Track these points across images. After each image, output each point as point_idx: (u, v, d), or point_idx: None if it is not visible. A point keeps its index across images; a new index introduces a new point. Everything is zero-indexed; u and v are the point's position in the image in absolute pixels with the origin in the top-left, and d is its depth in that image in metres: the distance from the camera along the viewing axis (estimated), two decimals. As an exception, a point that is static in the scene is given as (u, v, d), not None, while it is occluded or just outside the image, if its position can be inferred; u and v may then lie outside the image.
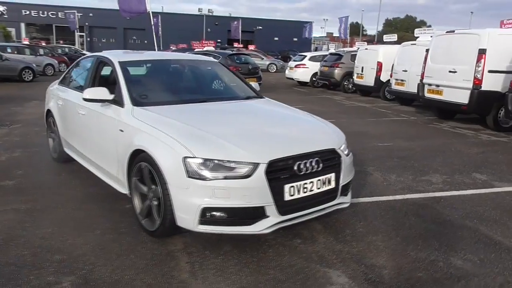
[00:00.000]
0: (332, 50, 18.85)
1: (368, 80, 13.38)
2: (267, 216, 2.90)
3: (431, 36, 11.28)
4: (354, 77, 14.25)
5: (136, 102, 3.64)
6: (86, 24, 49.77)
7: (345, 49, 19.50)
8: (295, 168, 2.98)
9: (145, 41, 47.95)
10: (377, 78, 13.06)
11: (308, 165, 3.04)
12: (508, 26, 8.90)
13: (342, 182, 3.32)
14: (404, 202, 4.19)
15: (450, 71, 8.60)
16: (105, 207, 3.87)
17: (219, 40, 43.05)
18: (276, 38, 53.92)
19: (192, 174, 2.83)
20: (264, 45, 43.63)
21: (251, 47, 32.36)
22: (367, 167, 5.33)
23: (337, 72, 15.06)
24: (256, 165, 2.84)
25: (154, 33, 14.48)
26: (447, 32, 9.04)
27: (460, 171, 5.35)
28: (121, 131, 3.51)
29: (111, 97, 3.75)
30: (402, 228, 3.54)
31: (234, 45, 32.70)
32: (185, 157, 2.87)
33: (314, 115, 4.03)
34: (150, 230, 3.24)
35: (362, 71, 13.74)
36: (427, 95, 9.38)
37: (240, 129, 3.32)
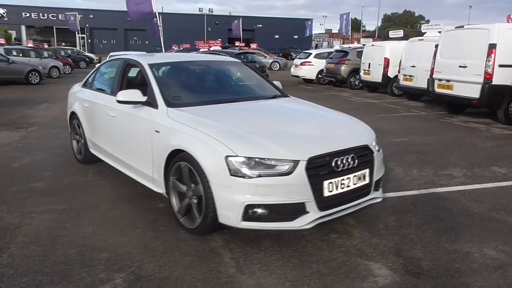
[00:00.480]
0: (337, 47, 18.93)
1: (376, 76, 13.46)
2: (307, 212, 2.99)
3: (439, 32, 11.37)
4: (361, 73, 14.33)
5: (169, 103, 3.72)
6: (87, 25, 49.85)
7: (351, 45, 19.57)
8: (333, 164, 3.07)
9: (146, 42, 48.08)
10: (385, 74, 13.14)
11: (344, 161, 3.13)
12: (517, 21, 8.98)
13: (375, 177, 3.41)
14: (429, 196, 4.28)
15: (460, 66, 8.68)
16: (139, 206, 3.96)
17: (219, 39, 43.10)
18: (276, 36, 53.98)
19: (234, 172, 2.92)
20: (265, 43, 43.69)
21: (253, 45, 32.43)
22: (388, 163, 5.41)
23: (344, 69, 15.13)
24: (296, 162, 2.93)
25: (161, 34, 14.55)
26: (456, 27, 9.12)
27: (479, 165, 5.44)
28: (157, 132, 3.60)
29: (144, 99, 3.84)
30: (433, 221, 3.63)
31: (236, 44, 32.72)
32: (227, 156, 2.95)
33: (342, 113, 4.12)
34: (190, 228, 3.33)
35: (369, 67, 13.82)
36: (437, 90, 9.46)
37: (275, 127, 3.40)
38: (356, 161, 3.22)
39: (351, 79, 15.22)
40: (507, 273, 2.81)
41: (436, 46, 9.51)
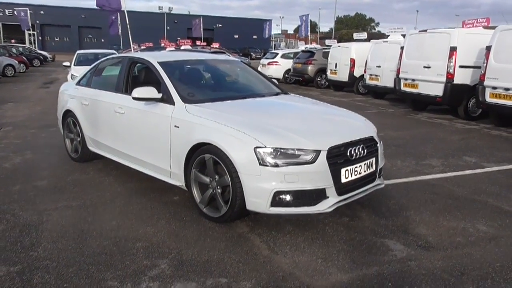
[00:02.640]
0: (302, 48, 19.55)
1: (342, 75, 14.11)
2: (327, 197, 3.31)
3: (402, 35, 12.17)
4: (328, 73, 14.94)
5: (185, 100, 3.91)
6: (37, 22, 47.59)
7: (316, 46, 20.22)
8: (348, 154, 3.42)
9: (102, 40, 46.66)
10: (351, 74, 13.82)
11: (357, 151, 3.49)
12: (469, 26, 9.83)
13: (379, 165, 3.80)
14: (418, 183, 4.75)
15: (424, 67, 9.40)
16: (154, 200, 4.11)
17: (179, 38, 42.66)
18: (236, 36, 54.32)
19: (263, 162, 3.19)
20: (225, 43, 43.76)
21: (215, 44, 32.41)
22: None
23: (311, 68, 15.70)
24: (318, 152, 3.24)
25: (128, 31, 14.38)
26: (420, 31, 9.84)
27: (452, 155, 6.02)
28: (177, 127, 3.78)
29: (159, 95, 4.00)
30: (426, 204, 4.08)
31: (197, 43, 32.60)
32: (256, 147, 3.21)
33: (343, 108, 4.49)
34: (215, 217, 3.55)
35: (335, 67, 14.45)
36: (403, 88, 10.16)
37: (292, 121, 3.70)
38: (365, 150, 3.59)
39: (318, 79, 15.83)
40: (500, 243, 3.28)
41: (402, 48, 10.21)
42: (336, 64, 14.45)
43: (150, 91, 3.99)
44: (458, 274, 2.80)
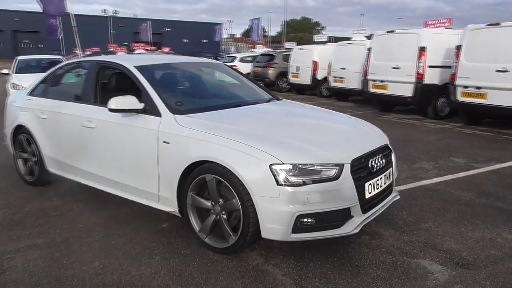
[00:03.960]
0: (260, 51, 19.26)
1: (305, 78, 13.92)
2: (352, 216, 2.90)
3: (365, 36, 12.17)
4: (289, 76, 14.70)
5: (174, 110, 3.35)
6: (-36, 26, 43.85)
7: (267, 50, 20.02)
8: (369, 165, 3.03)
9: (40, 45, 43.79)
10: (313, 77, 13.65)
11: (377, 161, 3.12)
12: (431, 27, 9.95)
13: (395, 175, 3.46)
14: (420, 189, 4.49)
15: (393, 68, 9.36)
16: (140, 229, 3.49)
17: (125, 43, 41.03)
18: (185, 40, 53.13)
19: (282, 182, 2.71)
20: (174, 47, 42.73)
21: (166, 49, 31.45)
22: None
23: (271, 72, 15.40)
24: (341, 166, 2.82)
25: (76, 35, 13.33)
26: (387, 32, 9.80)
27: (439, 157, 5.87)
28: (166, 142, 3.21)
29: (141, 106, 3.40)
30: (440, 213, 3.79)
31: (146, 48, 31.45)
32: (272, 165, 2.73)
33: (347, 114, 4.11)
34: (221, 248, 3.03)
35: (297, 70, 14.24)
36: (371, 90, 10.08)
37: (304, 131, 3.25)
38: (384, 160, 3.23)
39: (279, 82, 15.55)
40: (536, 254, 3.03)
41: (369, 49, 10.13)
42: (298, 67, 14.24)
43: (130, 101, 3.38)
44: (514, 297, 2.49)
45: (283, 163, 2.73)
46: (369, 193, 3.00)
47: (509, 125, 8.21)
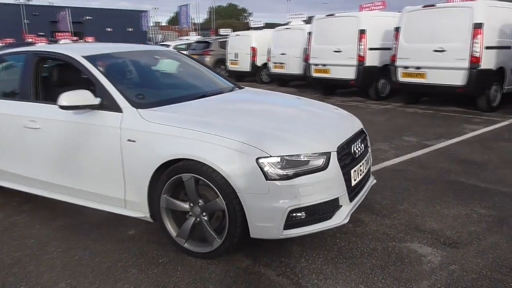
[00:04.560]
0: (194, 38, 18.60)
1: (244, 65, 13.72)
2: (340, 206, 2.78)
3: (303, 20, 12.21)
4: (228, 63, 14.40)
5: (136, 104, 2.98)
6: None
7: (212, 36, 19.49)
8: (352, 151, 2.93)
9: None
10: (253, 63, 13.49)
11: (358, 147, 3.03)
12: (366, 10, 10.20)
13: (371, 160, 3.41)
14: (384, 170, 4.53)
15: (335, 51, 9.47)
16: (103, 239, 3.11)
17: (41, 33, 37.79)
18: (109, 29, 50.06)
19: (271, 176, 2.51)
20: (97, 37, 40.25)
21: (89, 39, 29.45)
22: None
23: (208, 59, 14.96)
24: (328, 155, 2.68)
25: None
26: (327, 15, 9.88)
27: (392, 137, 6.02)
28: (131, 141, 2.85)
29: (97, 101, 2.99)
30: (411, 193, 3.83)
31: (72, 38, 29.21)
32: (259, 158, 2.51)
33: (313, 100, 3.99)
34: (202, 252, 2.77)
35: (236, 57, 13.98)
36: (314, 74, 10.15)
37: (281, 120, 3.06)
38: (362, 145, 3.15)
39: (217, 70, 15.15)
40: (510, 221, 3.15)
41: (309, 33, 10.15)
42: (236, 54, 13.98)
43: (84, 96, 2.96)
44: (507, 271, 2.53)
45: (270, 156, 2.53)
46: (354, 180, 2.89)
47: (445, 102, 8.70)
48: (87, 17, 48.49)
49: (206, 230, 2.72)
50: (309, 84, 11.25)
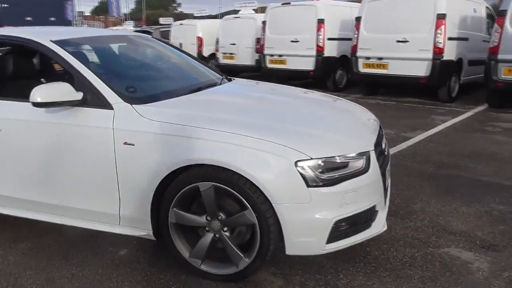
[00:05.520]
0: (131, 28, 17.33)
1: (191, 56, 13.01)
2: (377, 211, 2.46)
3: (253, 10, 11.81)
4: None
5: (129, 99, 2.41)
6: None
7: (152, 26, 18.34)
8: (383, 148, 2.63)
9: None
10: (199, 54, 12.83)
11: (384, 143, 2.73)
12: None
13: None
14: (379, 165, 4.31)
15: (292, 41, 9.20)
16: (91, 265, 2.51)
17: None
18: (28, 18, 45.55)
19: (312, 182, 2.11)
20: (15, 26, 36.53)
21: (4, 28, 26.46)
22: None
23: (151, 50, 14.04)
24: (367, 154, 2.33)
25: None
26: (282, 4, 9.55)
27: (368, 129, 5.86)
28: (129, 144, 2.28)
29: (79, 96, 2.38)
30: (418, 190, 3.63)
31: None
32: (298, 161, 2.10)
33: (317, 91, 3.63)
34: (225, 274, 2.30)
35: (180, 47, 13.20)
36: (269, 65, 9.83)
37: (304, 117, 2.64)
38: (385, 139, 2.87)
39: (160, 61, 14.31)
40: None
41: (264, 22, 9.78)
42: (180, 44, 13.18)
43: (63, 91, 2.33)
44: (560, 274, 2.38)
45: (311, 158, 2.12)
46: (387, 181, 2.60)
47: (403, 93, 8.76)
48: (3, 5, 43.84)
49: (230, 248, 2.26)
50: (262, 75, 10.90)
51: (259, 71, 10.67)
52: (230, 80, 3.50)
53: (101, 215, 2.47)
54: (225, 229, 2.26)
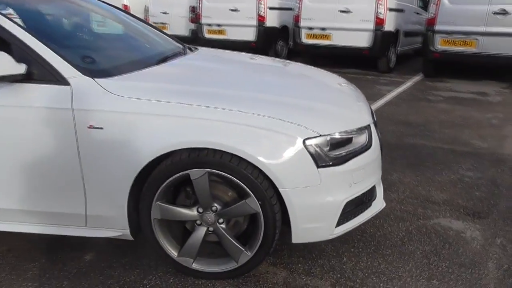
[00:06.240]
0: None
1: (117, 26, 11.95)
2: (375, 188, 2.32)
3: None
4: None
5: (88, 72, 1.95)
6: None
7: None
8: (374, 120, 2.46)
9: None
10: (127, 23, 11.84)
11: (375, 118, 2.57)
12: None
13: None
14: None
15: (231, 10, 8.77)
16: (53, 278, 2.06)
17: None
18: None
19: (322, 162, 1.87)
20: None
21: None
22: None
23: (70, 19, 12.65)
24: (368, 129, 2.15)
25: None
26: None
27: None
28: (96, 128, 1.85)
29: (22, 69, 1.86)
30: (388, 161, 3.58)
31: None
32: (306, 139, 1.84)
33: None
34: (222, 272, 2.02)
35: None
36: (207, 36, 9.33)
37: (297, 89, 2.36)
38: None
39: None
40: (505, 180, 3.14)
41: (201, -11, 9.19)
42: (105, 13, 12.07)
43: (1, 61, 1.81)
44: (546, 237, 2.44)
45: (320, 135, 1.88)
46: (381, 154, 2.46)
47: (343, 63, 8.83)
48: None
49: (228, 242, 1.97)
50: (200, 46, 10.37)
51: (195, 43, 10.07)
52: (191, 49, 3.09)
53: (62, 217, 2.02)
54: (221, 221, 1.96)
